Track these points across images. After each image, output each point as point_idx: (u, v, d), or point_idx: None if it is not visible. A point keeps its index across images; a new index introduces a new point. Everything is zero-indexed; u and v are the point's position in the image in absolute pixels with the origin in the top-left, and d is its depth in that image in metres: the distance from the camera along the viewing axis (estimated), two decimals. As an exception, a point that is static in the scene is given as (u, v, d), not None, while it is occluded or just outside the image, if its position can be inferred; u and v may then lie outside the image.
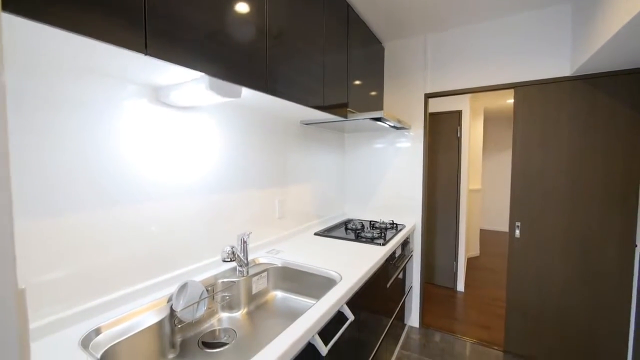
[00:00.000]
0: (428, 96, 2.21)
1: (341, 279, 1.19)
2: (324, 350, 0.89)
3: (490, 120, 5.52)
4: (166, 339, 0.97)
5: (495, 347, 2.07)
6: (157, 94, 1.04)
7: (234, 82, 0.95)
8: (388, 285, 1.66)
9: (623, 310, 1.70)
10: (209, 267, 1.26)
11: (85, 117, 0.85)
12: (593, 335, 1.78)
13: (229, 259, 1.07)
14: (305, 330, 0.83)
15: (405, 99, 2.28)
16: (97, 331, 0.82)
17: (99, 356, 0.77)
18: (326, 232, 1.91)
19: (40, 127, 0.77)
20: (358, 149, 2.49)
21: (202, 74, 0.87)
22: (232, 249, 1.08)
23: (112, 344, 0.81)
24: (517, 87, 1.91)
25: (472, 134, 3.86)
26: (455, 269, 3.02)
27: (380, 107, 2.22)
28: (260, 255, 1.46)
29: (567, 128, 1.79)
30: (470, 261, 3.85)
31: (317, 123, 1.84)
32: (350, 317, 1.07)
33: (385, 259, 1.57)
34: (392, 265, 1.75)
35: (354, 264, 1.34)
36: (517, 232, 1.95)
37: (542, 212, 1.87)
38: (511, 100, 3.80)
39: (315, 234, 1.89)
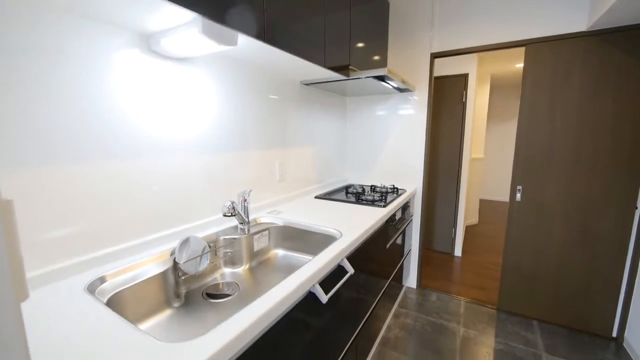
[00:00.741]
0: (434, 56, 2.11)
1: (341, 235, 1.20)
2: (324, 298, 0.91)
3: (496, 89, 5.34)
4: (171, 289, 1.00)
5: (489, 306, 2.16)
6: (149, 43, 0.99)
7: (229, 25, 0.89)
8: (387, 246, 1.69)
9: (617, 271, 1.74)
10: (210, 225, 1.27)
11: (79, 66, 0.81)
12: (586, 295, 1.84)
13: (230, 214, 1.07)
14: (306, 278, 0.84)
15: (410, 59, 2.18)
16: (102, 279, 0.84)
17: (105, 301, 0.79)
18: (327, 196, 1.91)
19: (33, 75, 0.73)
20: (360, 113, 2.43)
21: (195, 14, 0.81)
22: (232, 204, 1.08)
23: (117, 291, 0.83)
24: (529, 45, 1.81)
25: (478, 100, 3.75)
26: (454, 235, 3.08)
27: (383, 67, 2.13)
28: (261, 215, 1.47)
29: (577, 89, 1.72)
30: (468, 228, 3.92)
31: (317, 83, 1.77)
32: (350, 270, 1.09)
33: (385, 220, 1.58)
34: (392, 227, 1.76)
35: (355, 224, 1.35)
36: (518, 195, 1.95)
37: (545, 176, 1.86)
38: (519, 65, 3.64)
39: (316, 197, 1.89)
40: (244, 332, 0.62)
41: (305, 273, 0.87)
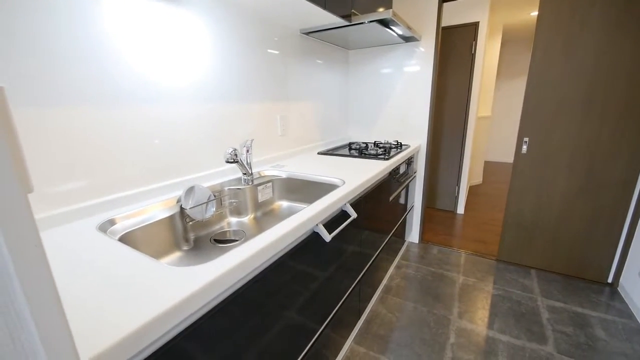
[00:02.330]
0: (443, 0, 1.96)
1: (344, 183, 1.21)
2: (327, 237, 0.94)
3: (507, 42, 5.04)
4: (179, 234, 1.03)
5: (489, 257, 2.23)
6: (135, -23, 0.92)
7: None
8: (390, 199, 1.71)
9: (618, 219, 1.76)
10: (214, 176, 1.28)
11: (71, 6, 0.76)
12: (585, 243, 1.88)
13: (232, 160, 1.07)
14: (308, 217, 0.86)
15: (416, 5, 2.03)
16: (112, 222, 0.87)
17: (117, 238, 0.82)
18: (330, 151, 1.90)
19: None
20: (363, 67, 2.33)
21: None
22: (234, 150, 1.07)
23: (128, 230, 0.86)
24: (547, -19, 1.67)
25: (488, 54, 3.56)
26: (457, 193, 3.09)
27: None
28: (264, 169, 1.47)
29: (596, 27, 1.60)
30: (472, 188, 3.93)
31: (318, 31, 1.67)
32: (353, 214, 1.11)
33: (388, 172, 1.58)
34: (395, 181, 1.77)
35: (358, 175, 1.35)
36: (525, 147, 1.91)
37: (553, 123, 1.81)
38: (535, 13, 3.40)
39: (319, 153, 1.88)
40: (251, 257, 0.65)
41: (307, 213, 0.88)
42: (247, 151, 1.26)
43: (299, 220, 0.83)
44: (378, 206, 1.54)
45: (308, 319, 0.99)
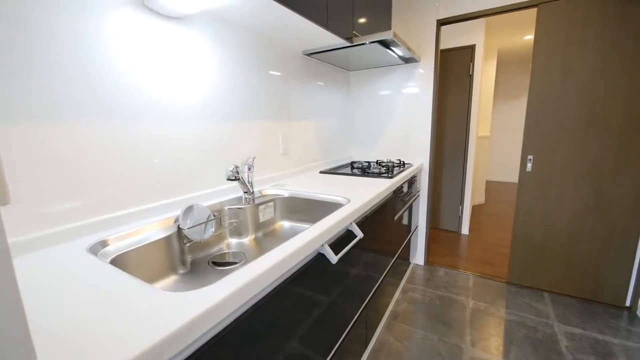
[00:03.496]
0: (441, 23, 2.02)
1: (349, 202, 1.17)
2: (334, 258, 0.88)
3: (502, 66, 5.19)
4: (176, 256, 0.97)
5: (499, 279, 2.13)
6: (141, -3, 0.93)
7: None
8: (395, 218, 1.65)
9: (631, 238, 1.70)
10: (214, 195, 1.24)
11: (73, 22, 0.76)
12: (598, 264, 1.80)
13: (233, 177, 1.03)
14: (314, 237, 0.81)
15: (415, 28, 2.09)
16: (103, 243, 0.82)
17: (108, 261, 0.76)
18: (332, 170, 1.87)
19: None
20: (363, 87, 2.36)
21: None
22: (236, 167, 1.04)
23: (120, 253, 0.81)
24: (541, 4, 1.72)
25: (484, 76, 3.64)
26: (461, 213, 3.03)
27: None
28: (265, 188, 1.43)
29: (592, 48, 1.63)
30: (475, 208, 3.87)
31: (319, 52, 1.70)
32: (360, 234, 1.06)
33: (392, 190, 1.54)
34: (400, 200, 1.73)
35: (362, 193, 1.31)
36: (529, 165, 1.89)
37: (557, 141, 1.79)
38: (528, 37, 3.51)
39: (321, 172, 1.85)
40: (251, 282, 0.59)
41: (312, 232, 0.83)
42: (249, 169, 1.23)
43: (304, 240, 0.78)
44: (384, 226, 1.48)
45: (312, 350, 0.91)
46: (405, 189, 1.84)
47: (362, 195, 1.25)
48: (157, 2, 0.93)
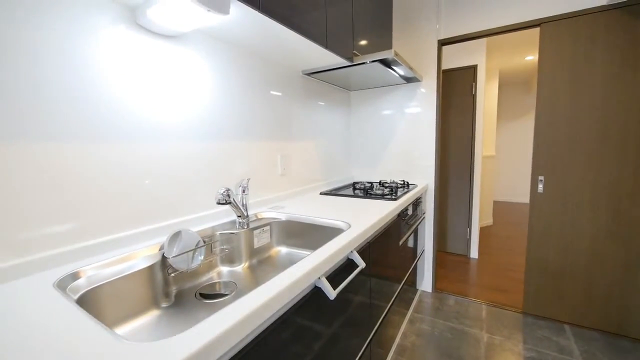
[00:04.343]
0: (442, 43, 2.01)
1: (350, 227, 1.08)
2: (332, 294, 0.78)
3: (504, 86, 5.21)
4: (159, 287, 0.88)
5: (513, 309, 1.98)
6: (135, 15, 0.91)
7: (217, -12, 0.80)
8: (400, 243, 1.55)
9: (657, 265, 1.57)
10: (206, 219, 1.16)
11: (62, 41, 0.72)
12: (624, 292, 1.66)
13: (224, 201, 0.96)
14: (309, 269, 0.72)
15: (416, 49, 2.08)
16: (75, 276, 0.73)
17: (76, 298, 0.68)
18: (333, 192, 1.79)
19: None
20: (365, 107, 2.32)
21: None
22: (227, 191, 0.96)
23: (92, 287, 0.72)
24: (544, 24, 1.70)
25: (487, 96, 3.63)
26: (469, 235, 2.90)
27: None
28: (262, 210, 1.36)
29: (600, 65, 1.59)
30: (483, 230, 3.73)
31: (319, 72, 1.67)
32: (362, 264, 0.96)
33: (397, 213, 1.45)
34: (404, 223, 1.63)
35: (364, 217, 1.23)
36: (540, 186, 1.80)
37: (568, 163, 1.71)
38: (530, 57, 3.53)
39: (321, 193, 1.77)
40: (230, 330, 0.50)
41: (308, 264, 0.74)
42: (243, 191, 1.16)
43: (298, 273, 0.69)
44: (388, 252, 1.38)
45: (308, 401, 0.79)
46: (410, 211, 1.75)
47: (364, 219, 1.17)
48: (149, 21, 0.91)
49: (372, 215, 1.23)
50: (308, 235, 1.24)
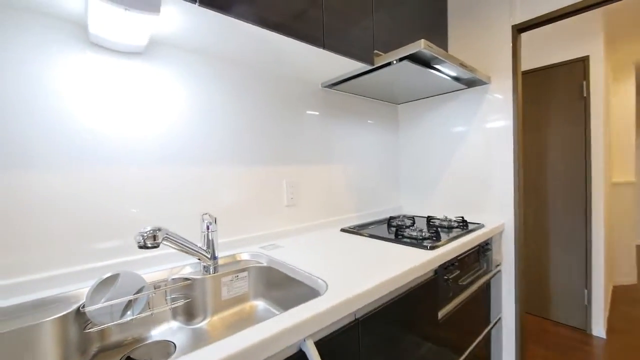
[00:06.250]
0: (518, 30, 1.46)
1: (327, 289, 0.73)
2: None
3: (649, 85, 3.77)
4: (70, 348, 0.72)
5: None
6: (87, 34, 0.84)
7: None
8: (440, 317, 1.05)
9: None
10: (173, 257, 0.98)
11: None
12: None
13: (148, 245, 0.74)
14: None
15: (480, 40, 1.58)
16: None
17: None
18: (357, 229, 1.42)
19: None
20: (416, 122, 1.89)
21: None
22: (154, 231, 0.74)
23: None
24: None
25: (615, 100, 2.62)
26: (588, 299, 1.98)
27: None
28: (248, 250, 1.11)
29: None
30: (618, 291, 2.56)
31: (339, 83, 1.39)
32: (318, 362, 0.59)
33: (432, 269, 0.99)
34: (453, 283, 1.12)
35: (369, 271, 0.84)
36: None
37: None
38: (690, 40, 2.40)
39: (342, 229, 1.42)
40: None
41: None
42: (208, 228, 0.94)
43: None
44: (409, 331, 0.92)
45: None
46: (471, 262, 1.22)
47: (365, 276, 0.79)
48: (100, 37, 0.82)
49: (382, 271, 0.83)
50: (288, 289, 0.93)
